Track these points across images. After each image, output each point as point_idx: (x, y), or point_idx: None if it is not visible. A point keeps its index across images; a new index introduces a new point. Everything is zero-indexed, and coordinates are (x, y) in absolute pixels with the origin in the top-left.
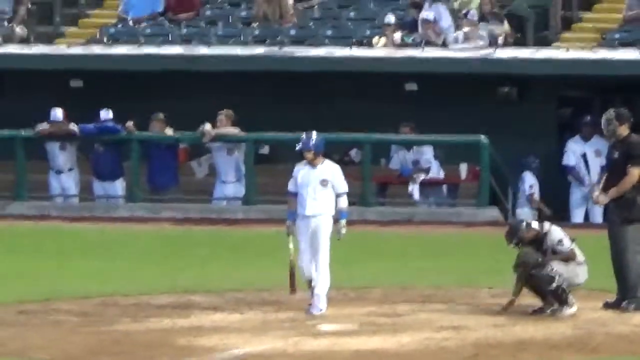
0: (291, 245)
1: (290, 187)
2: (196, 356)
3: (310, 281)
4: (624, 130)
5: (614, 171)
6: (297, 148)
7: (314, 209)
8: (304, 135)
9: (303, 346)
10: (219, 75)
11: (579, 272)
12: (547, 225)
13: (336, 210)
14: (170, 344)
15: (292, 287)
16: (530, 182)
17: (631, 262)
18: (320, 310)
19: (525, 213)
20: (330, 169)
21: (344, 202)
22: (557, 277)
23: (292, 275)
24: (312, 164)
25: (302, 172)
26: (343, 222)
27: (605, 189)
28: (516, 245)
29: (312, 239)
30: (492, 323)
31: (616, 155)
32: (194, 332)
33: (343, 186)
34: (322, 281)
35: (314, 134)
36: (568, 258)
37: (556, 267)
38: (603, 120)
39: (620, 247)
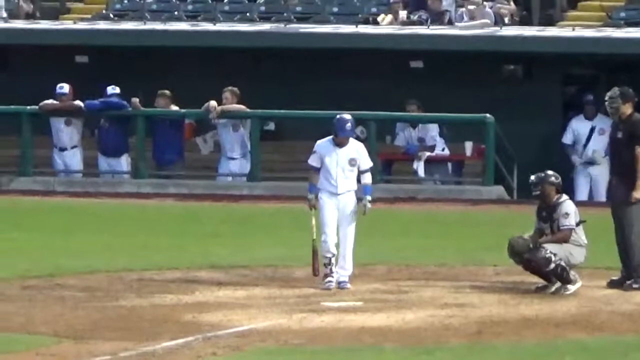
0: (314, 222)
1: (314, 162)
2: (201, 332)
3: (330, 258)
4: (627, 109)
5: (617, 150)
6: (335, 134)
7: (345, 187)
8: (338, 118)
9: (308, 323)
10: (224, 51)
11: (574, 253)
12: (564, 196)
13: (360, 186)
14: (175, 319)
15: (315, 269)
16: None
17: (636, 242)
18: (347, 282)
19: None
20: (355, 147)
21: (368, 178)
22: (553, 257)
23: (315, 257)
24: (338, 143)
25: (328, 150)
26: (368, 197)
27: (614, 174)
28: (538, 194)
29: (341, 215)
30: (496, 301)
31: (620, 135)
32: (199, 308)
33: (368, 163)
34: (349, 257)
35: (348, 118)
36: (561, 240)
37: (550, 248)
38: (607, 98)
39: (626, 226)
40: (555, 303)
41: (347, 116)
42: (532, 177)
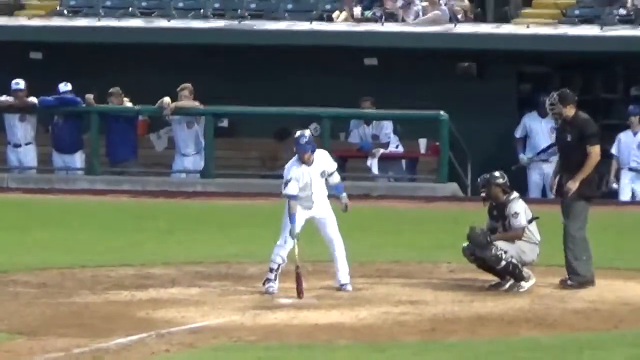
0: (297, 251)
1: (292, 191)
2: (154, 329)
3: (279, 264)
4: (569, 111)
5: (568, 152)
6: (295, 149)
7: (319, 198)
8: (297, 134)
9: (261, 320)
10: (178, 48)
11: (526, 250)
12: (514, 194)
13: (331, 186)
14: (129, 316)
15: (300, 293)
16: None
17: (580, 240)
18: (349, 283)
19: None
20: (321, 158)
21: (337, 177)
22: (503, 255)
23: (299, 281)
24: (307, 162)
25: (300, 172)
26: (344, 195)
27: (564, 171)
28: (484, 197)
29: (320, 223)
30: (450, 298)
31: (569, 138)
32: (153, 305)
33: (333, 165)
34: (342, 259)
35: (307, 133)
36: (513, 238)
37: (500, 245)
38: (547, 104)
39: (576, 223)
40: (508, 300)
41: (304, 131)
42: (478, 180)
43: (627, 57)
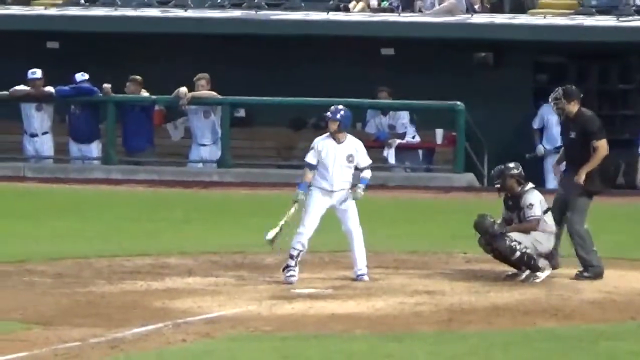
0: (293, 210)
1: (311, 159)
2: (171, 319)
3: (299, 251)
4: (573, 107)
5: (572, 149)
6: (326, 117)
7: (340, 184)
8: (333, 107)
9: (278, 310)
10: (195, 37)
11: (541, 240)
12: (529, 185)
13: (358, 177)
14: (145, 306)
15: (273, 243)
16: None
17: (585, 233)
18: (366, 273)
19: None
20: (354, 145)
21: (367, 173)
22: (517, 246)
23: (279, 234)
24: (336, 138)
25: (326, 146)
26: (362, 186)
27: (570, 165)
28: (499, 188)
29: (340, 212)
30: (467, 289)
31: (573, 135)
32: (169, 295)
33: (367, 160)
34: (361, 251)
35: (340, 107)
36: (527, 230)
37: (514, 236)
38: (551, 99)
39: (579, 218)
40: (525, 291)
41: (341, 106)
42: (492, 171)
43: None
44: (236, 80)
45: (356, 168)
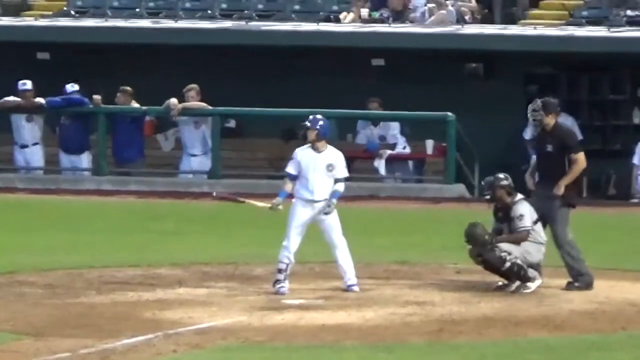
0: (260, 205)
1: (291, 170)
2: (161, 329)
3: (287, 264)
4: (550, 120)
5: (548, 162)
6: (304, 126)
7: (322, 194)
8: (311, 116)
9: (268, 320)
10: (185, 48)
11: (531, 251)
12: (518, 196)
13: (333, 192)
14: (136, 317)
15: (221, 197)
16: None
17: (572, 242)
18: (356, 284)
19: None
20: (334, 155)
21: (340, 187)
22: (507, 256)
23: (230, 199)
24: (316, 148)
25: (305, 156)
26: (334, 200)
27: (545, 179)
28: (489, 199)
29: (322, 224)
30: (457, 299)
31: (549, 148)
32: (160, 306)
33: (344, 172)
34: (347, 261)
35: (319, 116)
36: (518, 241)
37: (505, 247)
38: (529, 110)
39: (564, 228)
40: (516, 302)
41: (319, 116)
42: (482, 182)
43: (635, 58)
44: (227, 91)
45: None
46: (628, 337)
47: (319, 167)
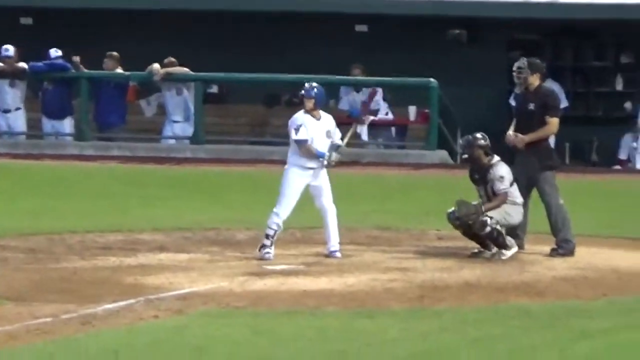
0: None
1: (303, 135)
2: (143, 295)
3: (275, 230)
4: (534, 80)
5: (529, 122)
6: (300, 95)
7: (320, 167)
8: (307, 84)
9: (250, 286)
10: (168, 13)
11: (511, 212)
12: (496, 157)
13: (332, 145)
14: (117, 282)
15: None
16: None
17: (560, 206)
18: (339, 250)
19: None
20: (330, 121)
21: (338, 135)
22: (488, 220)
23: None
24: (313, 115)
25: (309, 121)
26: (336, 154)
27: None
28: (466, 158)
29: (316, 190)
30: (439, 265)
31: (531, 106)
32: (141, 271)
33: (338, 132)
34: (334, 228)
35: (315, 84)
36: (501, 204)
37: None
38: (515, 68)
39: (552, 192)
40: (498, 268)
41: (313, 83)
42: (460, 141)
43: (618, 24)
44: (209, 57)
45: None
46: (609, 304)
47: (320, 134)
